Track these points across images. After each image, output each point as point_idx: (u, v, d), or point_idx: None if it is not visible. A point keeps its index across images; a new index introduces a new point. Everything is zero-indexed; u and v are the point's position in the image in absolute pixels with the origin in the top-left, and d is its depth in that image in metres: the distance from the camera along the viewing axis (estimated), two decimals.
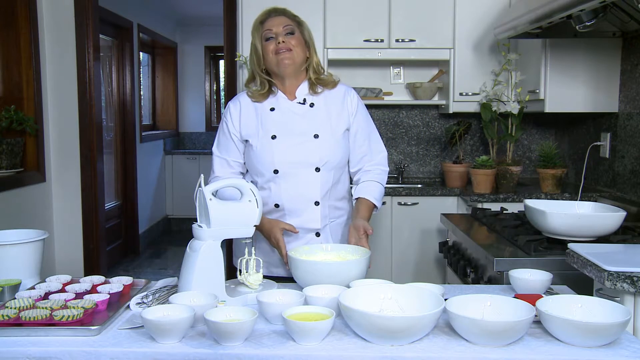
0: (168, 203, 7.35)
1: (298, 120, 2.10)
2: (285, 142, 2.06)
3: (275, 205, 2.08)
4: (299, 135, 2.07)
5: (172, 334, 1.35)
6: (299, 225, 2.06)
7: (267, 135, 2.08)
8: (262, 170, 2.07)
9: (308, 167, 2.06)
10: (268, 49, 2.07)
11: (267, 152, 2.06)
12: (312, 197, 2.07)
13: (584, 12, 2.41)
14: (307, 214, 2.08)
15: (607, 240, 2.18)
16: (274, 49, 2.06)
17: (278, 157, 2.05)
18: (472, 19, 3.69)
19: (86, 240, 4.08)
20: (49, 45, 3.90)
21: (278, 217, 2.09)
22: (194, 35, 7.73)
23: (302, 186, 2.06)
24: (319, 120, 2.10)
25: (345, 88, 2.19)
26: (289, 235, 2.07)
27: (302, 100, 2.13)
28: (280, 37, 2.06)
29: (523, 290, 1.69)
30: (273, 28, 2.08)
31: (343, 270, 1.70)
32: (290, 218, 2.08)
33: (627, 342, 1.36)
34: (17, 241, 1.80)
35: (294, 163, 2.05)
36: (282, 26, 2.08)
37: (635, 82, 2.95)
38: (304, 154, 2.06)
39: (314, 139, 2.06)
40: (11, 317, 1.42)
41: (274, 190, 2.07)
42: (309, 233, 2.10)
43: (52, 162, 3.98)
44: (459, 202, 3.53)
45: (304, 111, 2.11)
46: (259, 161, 2.08)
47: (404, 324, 1.31)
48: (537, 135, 4.09)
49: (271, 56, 2.07)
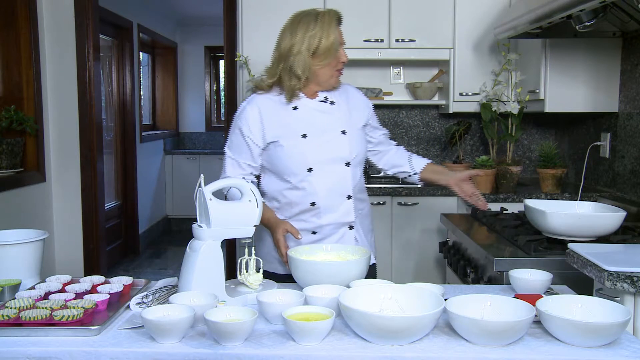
0: (168, 203, 7.36)
1: (323, 117, 2.13)
2: (316, 140, 2.09)
3: (311, 203, 2.10)
4: (327, 132, 2.11)
5: (172, 334, 1.35)
6: (335, 221, 2.11)
7: (297, 134, 2.09)
8: (295, 169, 2.09)
9: (339, 163, 2.11)
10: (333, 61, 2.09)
11: (299, 151, 2.08)
12: (345, 192, 2.12)
13: (584, 12, 2.41)
14: (342, 209, 2.12)
15: (607, 240, 2.18)
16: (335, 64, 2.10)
17: (311, 156, 2.08)
18: (472, 19, 3.69)
19: (86, 240, 4.09)
20: (49, 45, 3.90)
21: (313, 214, 2.11)
22: (194, 35, 7.73)
23: (336, 182, 2.11)
24: (342, 117, 2.15)
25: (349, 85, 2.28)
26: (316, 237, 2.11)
27: (324, 99, 2.16)
28: (344, 52, 2.12)
29: (523, 290, 1.69)
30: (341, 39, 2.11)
31: (343, 270, 1.70)
32: (326, 214, 2.11)
33: (627, 342, 1.36)
34: (17, 241, 1.80)
35: (327, 160, 2.09)
36: (343, 39, 2.13)
37: (635, 82, 2.94)
38: (335, 150, 2.10)
39: (342, 135, 2.12)
40: (11, 317, 1.42)
41: (308, 189, 2.09)
42: (343, 227, 2.14)
43: (52, 162, 3.98)
44: (459, 202, 3.53)
45: (326, 109, 2.15)
46: (292, 161, 2.08)
47: (404, 324, 1.31)
48: (537, 135, 4.09)
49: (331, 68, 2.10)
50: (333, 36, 2.05)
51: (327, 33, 2.05)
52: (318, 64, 2.08)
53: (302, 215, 2.11)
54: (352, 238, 2.15)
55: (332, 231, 2.13)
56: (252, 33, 3.67)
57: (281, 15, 3.65)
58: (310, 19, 2.09)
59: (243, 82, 3.67)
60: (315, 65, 2.08)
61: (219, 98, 8.10)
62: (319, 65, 2.08)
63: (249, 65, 3.60)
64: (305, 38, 2.06)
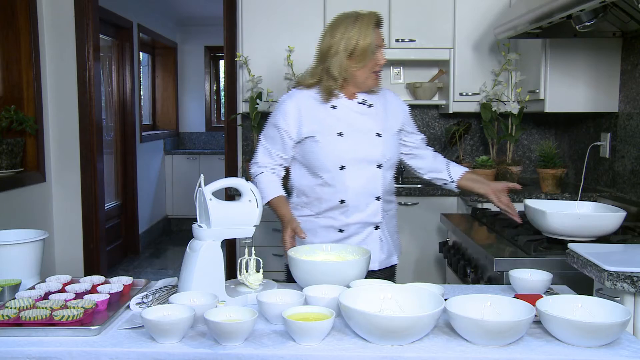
0: (168, 203, 7.35)
1: (360, 118, 2.17)
2: (351, 139, 2.14)
3: (340, 201, 2.15)
4: (363, 133, 2.16)
5: (172, 334, 1.35)
6: (362, 220, 2.17)
7: (333, 132, 2.13)
8: (328, 166, 2.13)
9: (371, 164, 2.15)
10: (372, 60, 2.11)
11: (333, 148, 2.13)
12: (375, 193, 2.17)
13: (584, 12, 2.41)
14: (370, 209, 2.17)
15: (607, 240, 2.18)
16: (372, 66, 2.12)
17: (345, 154, 2.12)
18: (472, 19, 3.69)
19: (86, 240, 4.09)
20: (49, 45, 3.90)
21: (341, 212, 2.16)
22: (194, 35, 7.73)
23: (366, 182, 2.15)
24: (378, 120, 2.19)
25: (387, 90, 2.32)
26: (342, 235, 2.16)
27: (362, 101, 2.20)
28: (382, 54, 2.13)
29: (523, 290, 1.69)
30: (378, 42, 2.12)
31: (343, 270, 1.70)
32: (354, 213, 2.16)
33: (627, 342, 1.36)
34: (17, 241, 1.80)
35: (359, 159, 2.14)
36: (382, 41, 2.15)
37: (635, 82, 2.95)
38: (368, 151, 2.15)
39: (377, 137, 2.16)
40: (11, 317, 1.42)
41: (339, 186, 2.14)
42: (369, 227, 2.19)
43: (52, 162, 3.98)
44: (459, 202, 3.53)
45: (364, 110, 2.19)
46: (326, 157, 2.13)
47: (404, 324, 1.31)
48: (537, 135, 4.09)
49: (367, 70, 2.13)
50: (370, 38, 2.09)
51: (365, 35, 2.09)
52: (355, 65, 2.12)
53: (330, 213, 2.17)
54: (377, 238, 2.21)
55: (358, 230, 2.18)
56: (252, 33, 3.67)
57: (281, 15, 3.69)
58: (349, 21, 2.12)
59: (243, 82, 3.67)
60: (352, 67, 2.12)
61: (219, 98, 8.10)
62: (356, 67, 2.12)
63: (249, 65, 3.60)
64: (343, 39, 2.10)
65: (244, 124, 4.04)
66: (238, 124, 4.10)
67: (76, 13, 3.90)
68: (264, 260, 1.77)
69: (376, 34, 2.11)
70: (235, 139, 4.17)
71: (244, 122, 4.03)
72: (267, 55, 3.66)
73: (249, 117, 3.70)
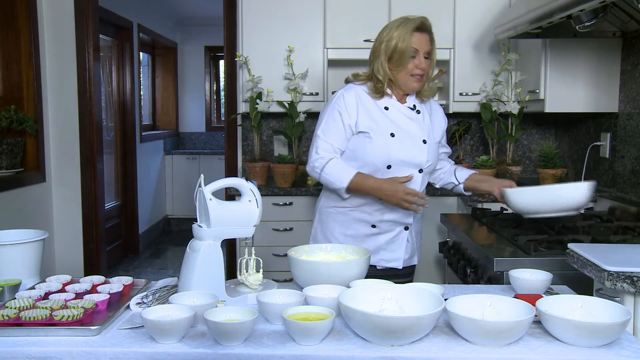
0: (168, 203, 7.35)
1: (410, 123, 2.24)
2: (401, 142, 2.20)
3: (379, 198, 2.21)
4: (412, 137, 2.22)
5: (172, 334, 1.35)
6: (395, 220, 2.25)
7: (386, 132, 2.19)
8: (377, 163, 2.20)
9: (414, 167, 2.23)
10: (409, 65, 2.16)
11: (385, 148, 2.18)
12: None
13: (584, 12, 2.41)
14: (403, 210, 2.23)
15: (607, 240, 2.18)
16: (412, 69, 2.16)
17: (394, 154, 2.19)
18: (472, 19, 3.69)
19: (86, 240, 4.09)
20: (49, 45, 3.90)
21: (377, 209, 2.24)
22: (194, 35, 7.73)
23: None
24: (425, 127, 2.26)
25: (434, 101, 2.40)
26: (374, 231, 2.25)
27: (412, 106, 2.26)
28: (422, 58, 2.17)
29: (523, 290, 1.69)
30: (419, 45, 2.16)
31: (343, 270, 1.70)
32: (389, 212, 2.24)
33: (627, 342, 1.36)
34: (17, 241, 1.80)
35: (406, 162, 2.21)
36: (426, 46, 2.18)
37: (635, 82, 2.94)
38: (414, 155, 2.21)
39: (423, 144, 2.23)
40: (11, 317, 1.42)
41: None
42: (399, 226, 2.28)
43: (52, 162, 3.98)
44: (459, 202, 3.53)
45: (413, 116, 2.26)
46: (377, 155, 2.19)
47: (404, 324, 1.31)
48: (537, 135, 4.09)
49: (405, 74, 2.18)
50: (407, 41, 2.13)
51: (403, 38, 2.14)
52: (394, 68, 2.19)
53: (367, 208, 2.24)
54: (405, 238, 2.30)
55: (390, 228, 2.26)
56: (252, 33, 3.67)
57: (281, 15, 3.68)
58: (394, 24, 2.19)
59: (243, 82, 3.67)
60: (392, 70, 2.19)
61: (219, 98, 8.10)
62: (396, 70, 2.19)
63: (249, 65, 3.60)
64: (384, 42, 2.18)
65: (244, 124, 4.04)
66: (238, 124, 4.10)
67: (76, 13, 3.90)
68: (264, 260, 1.77)
69: (416, 38, 2.15)
70: (235, 139, 4.17)
71: (244, 122, 4.03)
72: (267, 55, 3.66)
73: (249, 117, 3.70)
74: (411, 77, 2.19)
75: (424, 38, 2.17)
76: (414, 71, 2.18)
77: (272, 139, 4.11)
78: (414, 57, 2.16)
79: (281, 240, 3.47)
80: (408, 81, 2.20)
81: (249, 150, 4.12)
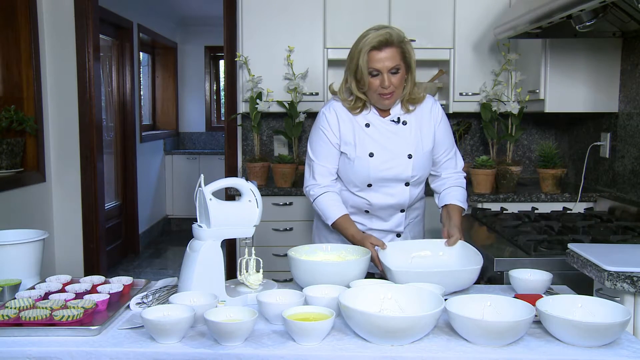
0: (168, 203, 7.35)
1: (392, 138, 2.13)
2: (381, 160, 2.11)
3: (365, 210, 2.21)
4: (394, 154, 2.12)
5: (172, 334, 1.35)
6: (384, 228, 2.21)
7: (365, 151, 2.11)
8: (357, 182, 2.16)
9: (399, 182, 2.16)
10: (372, 85, 2.03)
11: (363, 168, 2.12)
12: (400, 207, 2.21)
13: (584, 12, 2.41)
14: (394, 220, 2.22)
15: (607, 240, 2.18)
16: (377, 88, 2.03)
17: (373, 174, 2.12)
18: (472, 19, 3.69)
19: (86, 240, 4.09)
20: (49, 45, 3.90)
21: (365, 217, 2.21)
22: (194, 35, 7.73)
23: (392, 198, 2.17)
24: (411, 140, 2.14)
25: (432, 100, 2.23)
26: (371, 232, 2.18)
27: (396, 119, 2.14)
28: (385, 76, 2.00)
29: (523, 290, 1.69)
30: (379, 65, 2.00)
31: (343, 270, 1.70)
32: (378, 221, 2.21)
33: (627, 342, 1.36)
34: (17, 241, 1.81)
35: (387, 179, 2.14)
36: (390, 63, 2.00)
37: (635, 82, 2.94)
38: (397, 172, 2.13)
39: (408, 159, 2.13)
40: (11, 317, 1.42)
41: (366, 198, 2.18)
42: (391, 234, 2.24)
43: (52, 162, 3.98)
44: None
45: (397, 130, 2.14)
46: (355, 175, 2.15)
47: (404, 324, 1.31)
48: (537, 135, 4.09)
49: (372, 92, 2.06)
50: (364, 61, 2.00)
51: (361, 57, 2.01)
52: (361, 87, 2.07)
53: (355, 216, 2.19)
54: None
55: (380, 235, 2.19)
56: (252, 33, 3.67)
57: (281, 16, 3.68)
58: (357, 39, 2.05)
59: (243, 82, 3.67)
60: (360, 89, 2.08)
61: (219, 98, 8.10)
62: (362, 89, 2.08)
63: (249, 65, 3.60)
64: (348, 59, 2.08)
65: (244, 124, 4.04)
66: (238, 124, 4.10)
67: (76, 13, 3.90)
68: (264, 260, 1.77)
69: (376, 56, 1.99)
70: (235, 139, 4.17)
71: (244, 122, 4.03)
72: (267, 55, 3.66)
73: (249, 117, 3.70)
74: (379, 95, 2.05)
75: (387, 54, 1.99)
76: (379, 90, 2.03)
77: (272, 139, 4.11)
78: (376, 76, 2.01)
79: (281, 240, 3.47)
80: (377, 99, 2.07)
81: (249, 150, 4.12)
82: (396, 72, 2.02)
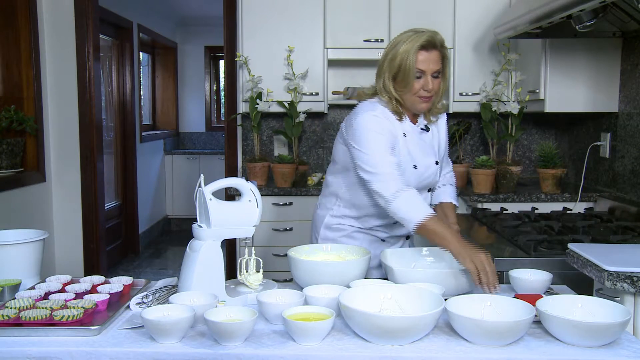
0: (168, 203, 7.35)
1: (425, 147, 2.10)
2: (421, 171, 2.07)
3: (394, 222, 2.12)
4: (427, 163, 2.09)
5: (172, 334, 1.35)
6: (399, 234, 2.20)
7: (408, 163, 2.03)
8: None
9: (426, 189, 2.15)
10: (414, 87, 1.96)
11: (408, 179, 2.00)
12: None
13: (584, 12, 2.41)
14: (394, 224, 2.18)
15: (607, 240, 2.18)
16: (417, 90, 1.96)
17: (414, 184, 2.02)
18: (472, 19, 3.69)
19: (86, 240, 4.09)
20: (49, 45, 3.90)
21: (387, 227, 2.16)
22: (194, 35, 7.73)
23: None
24: (435, 146, 2.15)
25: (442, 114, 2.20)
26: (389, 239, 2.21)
27: (424, 127, 2.10)
28: (429, 78, 1.95)
29: (523, 290, 1.69)
30: (425, 66, 1.94)
31: (343, 270, 1.70)
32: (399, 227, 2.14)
33: (627, 342, 1.36)
34: (17, 241, 1.80)
35: (421, 188, 2.09)
36: (434, 66, 1.95)
37: (635, 82, 2.94)
38: (428, 180, 2.12)
39: (435, 166, 2.13)
40: (11, 317, 1.42)
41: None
42: (403, 239, 2.25)
43: (52, 162, 3.98)
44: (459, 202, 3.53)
45: (426, 138, 2.11)
46: None
47: (404, 324, 1.31)
48: (537, 135, 4.09)
49: (411, 95, 1.98)
50: (412, 61, 1.92)
51: (408, 57, 1.92)
52: (400, 89, 1.99)
53: (377, 229, 2.17)
54: (407, 246, 2.28)
55: (395, 241, 2.22)
56: (252, 33, 3.67)
57: (281, 16, 3.68)
58: (400, 39, 1.97)
59: (243, 82, 3.67)
60: (398, 91, 1.99)
61: (219, 98, 8.10)
62: (401, 91, 1.99)
63: (249, 65, 3.60)
64: (387, 59, 1.99)
65: (244, 124, 4.04)
66: (238, 124, 4.10)
67: (76, 13, 3.90)
68: (264, 260, 1.77)
69: (423, 57, 1.93)
70: (235, 139, 4.17)
71: (244, 122, 4.03)
72: (267, 55, 3.66)
73: (249, 117, 3.70)
74: (418, 98, 1.98)
75: (433, 56, 1.95)
76: (420, 93, 1.97)
77: (272, 139, 4.11)
78: (420, 78, 1.95)
79: (281, 240, 3.48)
80: (414, 102, 1.99)
81: (249, 150, 4.12)
82: (437, 75, 1.97)
